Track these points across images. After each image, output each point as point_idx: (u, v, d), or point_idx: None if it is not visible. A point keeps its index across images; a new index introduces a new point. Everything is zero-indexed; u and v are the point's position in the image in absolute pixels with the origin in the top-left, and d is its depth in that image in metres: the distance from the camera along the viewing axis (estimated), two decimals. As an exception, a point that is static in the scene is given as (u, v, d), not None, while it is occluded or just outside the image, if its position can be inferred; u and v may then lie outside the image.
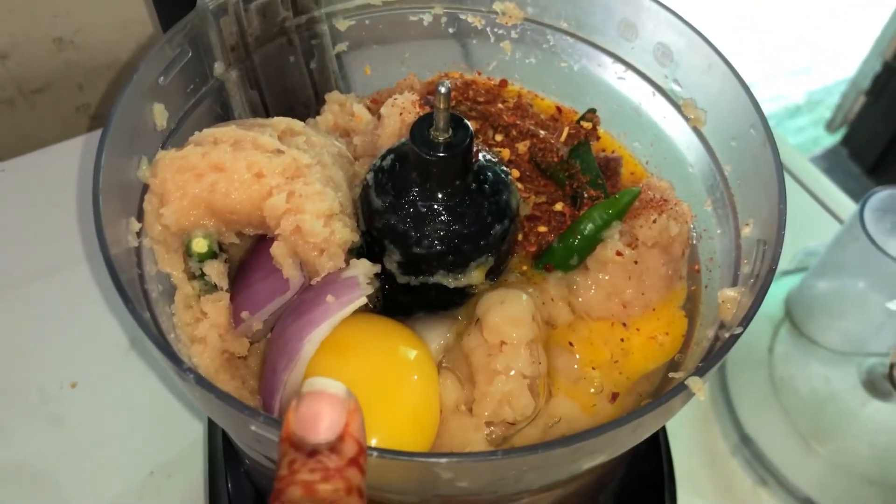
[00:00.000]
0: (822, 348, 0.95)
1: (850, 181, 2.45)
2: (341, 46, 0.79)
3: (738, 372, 0.95)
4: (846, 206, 1.15)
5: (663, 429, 0.85)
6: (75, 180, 1.07)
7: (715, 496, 0.88)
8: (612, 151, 0.77)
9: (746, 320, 0.52)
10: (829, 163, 2.50)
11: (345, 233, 0.61)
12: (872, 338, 0.92)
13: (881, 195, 0.89)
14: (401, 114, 0.69)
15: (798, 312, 0.99)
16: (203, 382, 0.48)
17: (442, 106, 0.56)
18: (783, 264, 1.06)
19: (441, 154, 0.58)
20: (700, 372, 0.49)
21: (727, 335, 0.53)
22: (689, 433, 0.92)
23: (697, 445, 0.92)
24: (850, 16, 2.84)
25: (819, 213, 1.15)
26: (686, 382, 0.49)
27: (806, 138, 2.57)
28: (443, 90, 0.55)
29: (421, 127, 0.58)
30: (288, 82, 0.78)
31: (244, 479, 0.77)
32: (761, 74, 2.70)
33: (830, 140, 2.54)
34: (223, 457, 0.79)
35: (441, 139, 0.58)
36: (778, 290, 1.03)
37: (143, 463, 0.86)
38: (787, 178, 1.16)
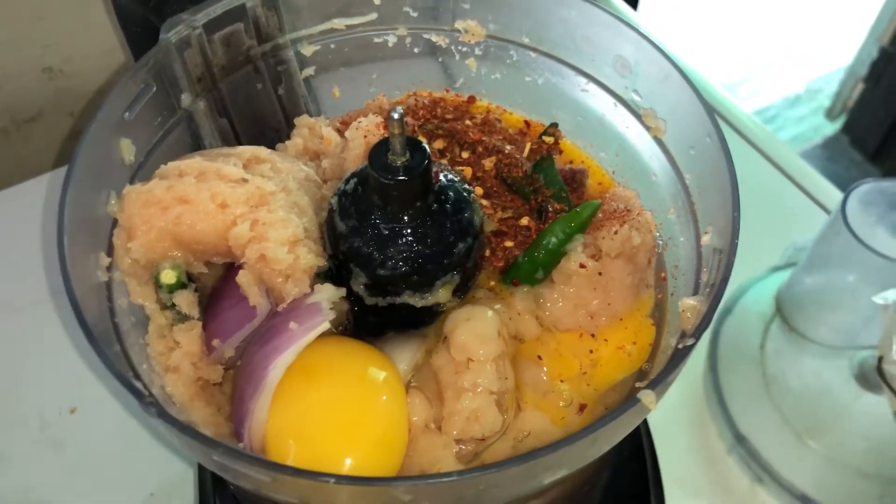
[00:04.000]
0: (814, 343, 0.95)
1: (852, 169, 2.44)
2: (308, 71, 0.80)
3: (730, 370, 0.95)
4: (836, 199, 1.14)
5: (648, 434, 0.86)
6: (44, 204, 1.09)
7: (712, 496, 0.88)
8: (580, 163, 0.78)
9: (699, 331, 0.52)
10: (830, 151, 2.49)
11: (309, 258, 0.62)
12: (863, 331, 0.92)
13: (864, 188, 0.89)
14: (365, 136, 0.69)
15: (788, 308, 0.99)
16: (164, 415, 0.49)
17: (396, 131, 0.57)
18: (773, 260, 1.06)
19: (399, 178, 0.59)
20: (652, 385, 0.50)
21: (680, 346, 0.53)
22: (684, 434, 0.92)
23: (692, 446, 0.92)
24: (846, 2, 2.83)
25: (809, 207, 1.14)
26: (639, 396, 0.49)
27: (806, 127, 2.56)
28: (395, 116, 0.56)
29: (378, 152, 0.59)
30: (257, 109, 0.79)
31: (231, 501, 0.79)
32: (760, 64, 2.69)
33: (831, 128, 2.53)
34: (212, 480, 0.80)
35: (399, 163, 0.58)
36: (768, 286, 1.03)
37: (143, 485, 0.87)
38: (776, 173, 1.17)
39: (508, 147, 0.74)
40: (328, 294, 0.61)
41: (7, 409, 0.92)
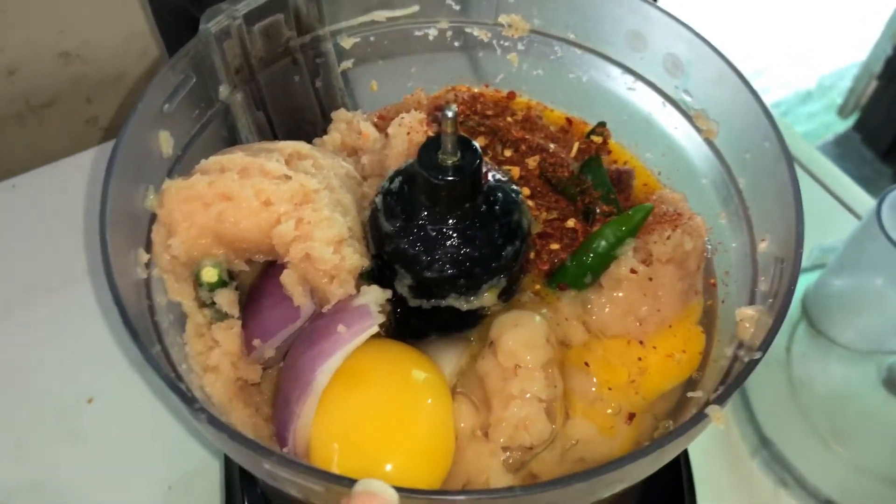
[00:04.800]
0: (841, 347, 0.94)
1: (863, 167, 2.42)
2: (346, 64, 0.78)
3: (755, 373, 0.93)
4: (862, 200, 1.13)
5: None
6: (88, 194, 1.07)
7: (735, 498, 0.87)
8: (624, 163, 0.76)
9: (766, 344, 0.51)
10: (841, 149, 2.47)
11: (354, 259, 0.61)
12: (892, 336, 0.91)
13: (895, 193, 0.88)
14: (408, 133, 0.68)
15: (815, 311, 0.97)
16: (215, 422, 0.48)
17: (450, 130, 0.55)
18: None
19: (450, 178, 0.57)
20: (720, 400, 0.49)
21: (746, 359, 0.52)
22: (709, 436, 0.90)
23: (717, 448, 0.91)
24: (861, -1, 2.81)
25: (835, 208, 1.12)
26: (707, 412, 0.48)
27: (818, 124, 2.54)
28: (449, 114, 0.54)
29: (428, 150, 0.58)
30: (294, 102, 0.77)
31: (261, 499, 0.77)
32: (771, 60, 2.67)
33: (843, 125, 2.51)
34: (239, 476, 0.78)
35: (449, 162, 0.57)
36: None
37: (161, 478, 0.85)
38: (801, 173, 1.15)
39: (552, 145, 0.73)
40: (375, 296, 0.59)
41: (25, 397, 0.90)
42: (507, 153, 0.72)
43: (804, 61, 2.70)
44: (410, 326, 0.66)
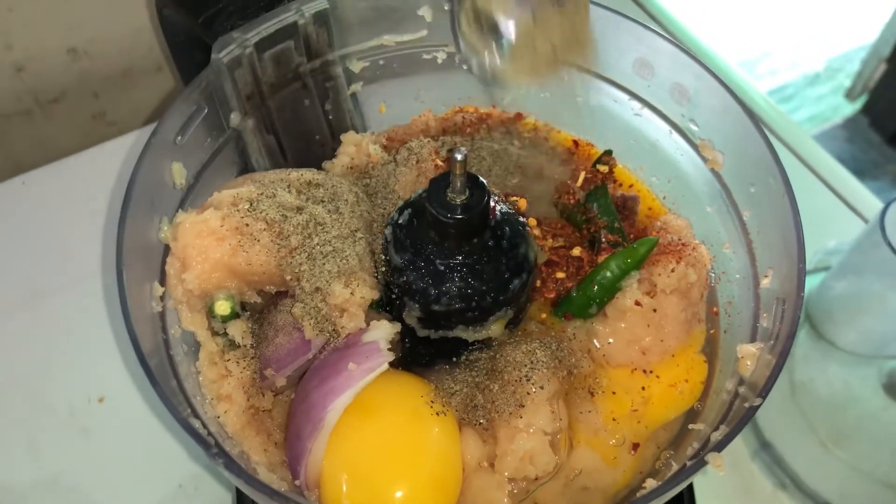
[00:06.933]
0: (842, 351, 0.94)
1: (870, 151, 2.41)
2: (356, 86, 0.79)
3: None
4: (866, 200, 1.12)
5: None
6: (96, 191, 1.07)
7: (735, 500, 0.89)
8: (630, 187, 0.77)
9: (765, 390, 0.52)
10: (849, 132, 2.46)
11: (364, 291, 0.62)
12: (893, 340, 0.91)
13: (900, 200, 0.88)
14: (417, 161, 0.69)
15: (817, 314, 0.97)
16: (232, 467, 0.49)
17: (458, 172, 0.56)
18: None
19: (458, 216, 0.58)
20: (719, 447, 0.50)
21: (746, 405, 0.53)
22: (708, 438, 0.92)
23: (717, 450, 0.92)
24: (871, -20, 2.77)
25: (840, 210, 1.12)
26: (707, 459, 0.49)
27: (825, 107, 2.52)
28: (459, 157, 0.55)
29: (437, 188, 0.58)
30: (304, 125, 0.77)
31: None
32: (779, 42, 2.65)
33: (850, 108, 2.49)
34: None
35: (458, 201, 0.58)
36: (797, 292, 1.02)
37: (171, 476, 0.87)
38: (807, 173, 1.15)
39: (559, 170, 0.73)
40: (385, 333, 0.61)
41: (37, 395, 0.91)
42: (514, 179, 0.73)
43: (812, 43, 2.68)
44: (418, 355, 0.67)
